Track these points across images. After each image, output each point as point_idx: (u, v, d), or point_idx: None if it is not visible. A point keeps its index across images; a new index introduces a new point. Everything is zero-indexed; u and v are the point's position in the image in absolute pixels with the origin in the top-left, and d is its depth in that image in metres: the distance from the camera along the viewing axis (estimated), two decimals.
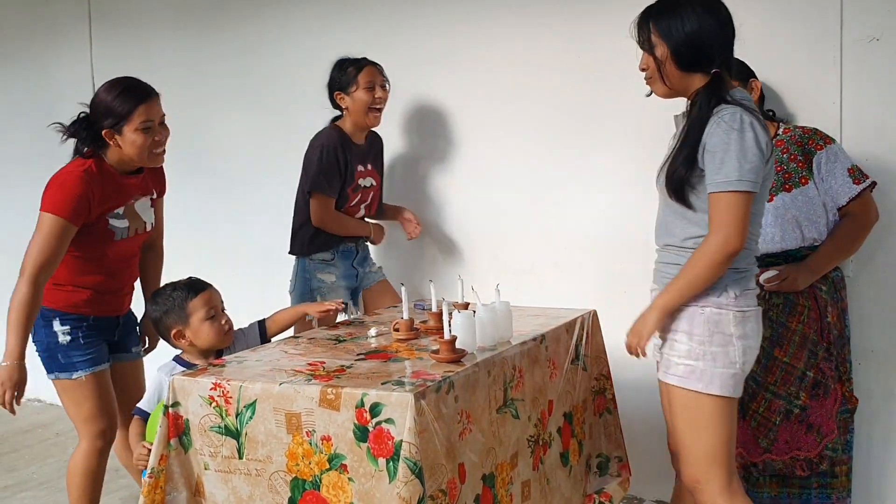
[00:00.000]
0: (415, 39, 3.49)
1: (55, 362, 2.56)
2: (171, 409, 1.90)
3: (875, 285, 2.74)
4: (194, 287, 2.36)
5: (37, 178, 4.58)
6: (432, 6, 3.46)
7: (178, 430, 1.90)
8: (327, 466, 1.75)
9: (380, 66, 3.16)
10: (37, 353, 2.59)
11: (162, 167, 2.72)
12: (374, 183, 3.26)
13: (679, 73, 1.98)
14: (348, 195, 3.16)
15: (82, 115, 2.56)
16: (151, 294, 2.41)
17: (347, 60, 3.14)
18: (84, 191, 2.42)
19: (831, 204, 2.50)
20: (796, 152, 2.51)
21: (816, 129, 2.56)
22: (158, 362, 2.43)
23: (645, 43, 2.01)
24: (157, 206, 2.74)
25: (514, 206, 3.38)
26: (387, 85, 3.16)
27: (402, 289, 2.40)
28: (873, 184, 2.52)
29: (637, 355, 2.06)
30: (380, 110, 3.13)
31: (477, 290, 2.21)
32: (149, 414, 2.27)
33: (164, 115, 2.53)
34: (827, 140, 2.52)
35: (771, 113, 2.67)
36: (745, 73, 2.55)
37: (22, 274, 2.39)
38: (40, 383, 4.86)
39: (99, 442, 2.61)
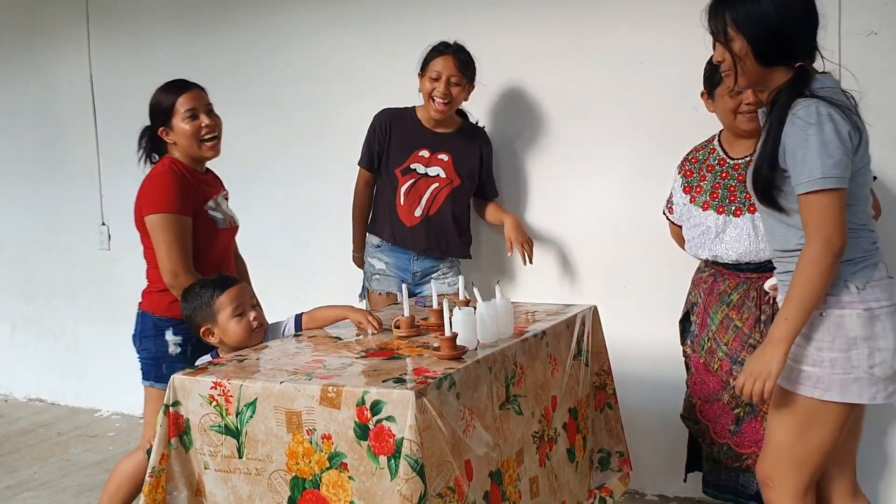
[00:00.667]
0: (410, 36, 3.48)
1: (157, 371, 2.53)
2: (171, 409, 1.90)
3: None
4: (221, 284, 2.34)
5: (35, 178, 4.64)
6: (431, 5, 3.45)
7: (179, 430, 1.90)
8: (327, 465, 1.75)
9: (464, 60, 2.98)
10: (138, 358, 2.59)
11: (218, 177, 2.78)
12: (442, 174, 3.06)
13: (760, 68, 1.86)
14: (396, 177, 3.06)
15: (145, 129, 2.65)
16: (182, 291, 2.38)
17: (440, 44, 3.02)
18: (178, 182, 2.49)
19: None
20: None
21: None
22: None
23: (720, 35, 1.87)
24: None
25: (515, 202, 3.37)
26: (460, 82, 2.99)
27: (403, 286, 2.40)
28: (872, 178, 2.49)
29: (761, 401, 1.87)
30: (443, 104, 2.98)
31: (477, 286, 2.20)
32: None
33: (210, 104, 2.62)
34: None
35: None
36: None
37: (168, 283, 2.45)
38: (42, 383, 4.87)
39: None
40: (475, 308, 2.07)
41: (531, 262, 3.09)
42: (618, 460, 2.56)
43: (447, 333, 1.95)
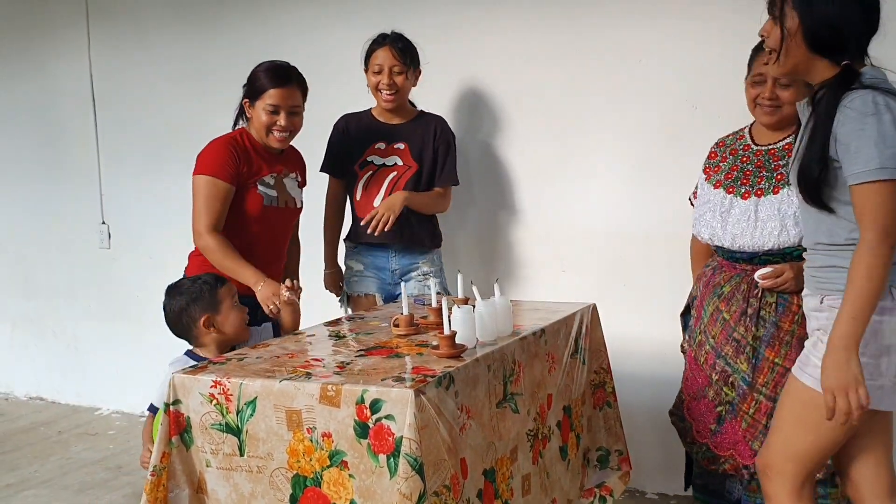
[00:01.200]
0: (409, 33, 3.48)
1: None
2: (171, 407, 1.90)
3: None
4: (218, 278, 2.40)
5: (35, 177, 4.64)
6: (431, 4, 3.45)
7: (180, 428, 1.90)
8: (328, 463, 1.76)
9: (403, 48, 2.99)
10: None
11: (303, 160, 2.89)
12: (399, 162, 3.03)
13: (806, 52, 1.78)
14: (355, 173, 3.07)
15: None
16: (169, 287, 2.40)
17: (378, 36, 3.04)
18: (230, 151, 2.61)
19: None
20: None
21: None
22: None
23: (776, 9, 1.80)
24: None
25: (514, 200, 3.38)
26: (403, 71, 2.99)
27: (402, 285, 2.40)
28: None
29: (861, 411, 1.72)
30: (390, 95, 2.99)
31: (476, 285, 2.21)
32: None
33: (297, 105, 2.68)
34: None
35: None
36: None
37: (194, 240, 2.60)
38: (42, 382, 4.88)
39: None
40: (474, 306, 2.08)
41: (374, 233, 2.89)
42: (617, 459, 2.56)
43: (446, 332, 1.95)
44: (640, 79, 3.08)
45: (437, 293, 2.77)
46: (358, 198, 3.08)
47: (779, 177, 2.40)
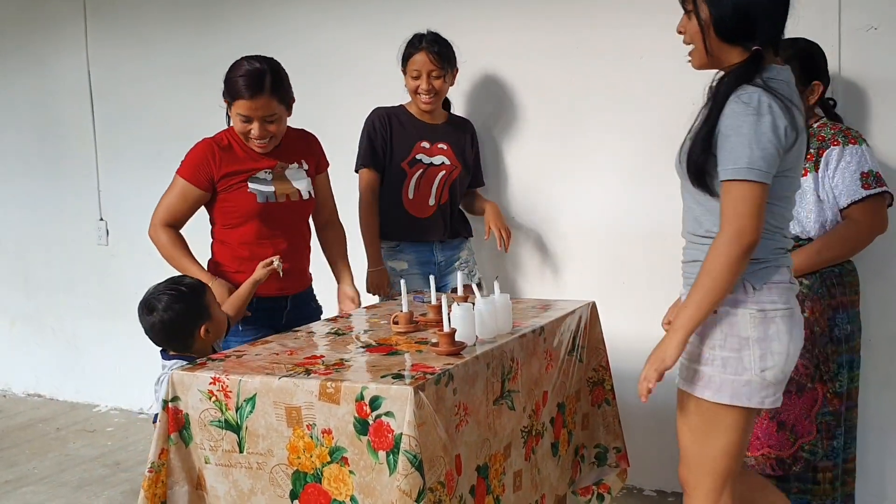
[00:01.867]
0: (408, 30, 3.46)
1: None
2: (170, 404, 1.90)
3: None
4: (198, 282, 2.35)
5: (33, 173, 4.63)
6: (431, 2, 3.45)
7: (178, 425, 1.90)
8: (328, 459, 1.76)
9: (441, 52, 2.97)
10: None
11: (319, 143, 2.81)
12: (446, 161, 3.07)
13: (718, 42, 1.80)
14: (403, 171, 3.04)
15: None
16: (151, 300, 2.26)
17: (415, 37, 3.03)
18: (205, 154, 2.58)
19: (832, 203, 2.42)
20: (812, 145, 2.43)
21: (848, 128, 2.49)
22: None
23: (688, 3, 1.83)
24: (318, 182, 2.77)
25: (514, 199, 3.38)
26: (441, 76, 2.98)
27: (402, 282, 2.40)
28: (888, 195, 2.43)
29: (646, 392, 1.83)
30: (429, 99, 3.00)
31: (476, 282, 2.21)
32: None
33: (272, 114, 2.51)
34: (851, 139, 2.43)
35: (832, 102, 2.60)
36: (811, 74, 2.46)
37: (149, 230, 2.66)
38: (41, 378, 4.88)
39: None
40: (474, 304, 2.08)
41: (506, 250, 3.11)
42: (615, 456, 2.57)
43: (446, 329, 1.95)
44: (641, 77, 3.08)
45: (476, 284, 2.97)
46: (411, 196, 3.06)
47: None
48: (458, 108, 3.42)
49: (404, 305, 2.28)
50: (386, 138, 3.06)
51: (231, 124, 2.61)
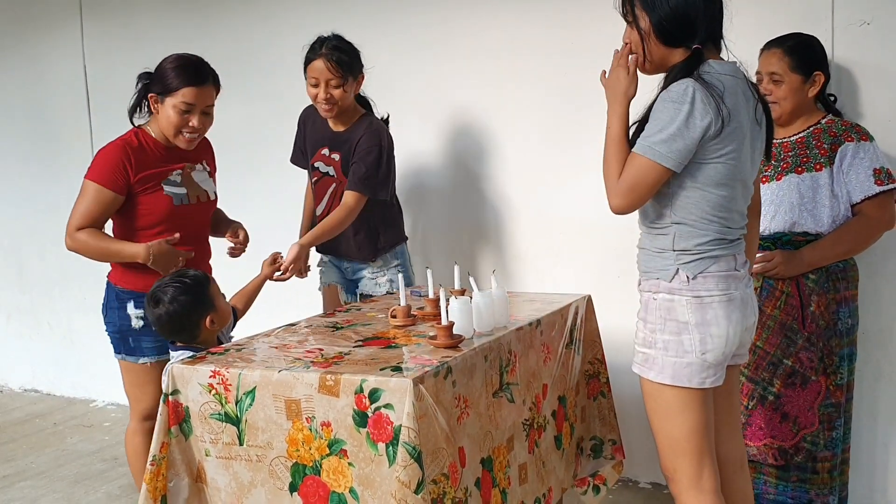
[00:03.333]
0: (408, 27, 3.49)
1: (124, 344, 2.64)
2: (170, 398, 1.92)
3: None
4: (203, 274, 2.39)
5: (29, 172, 4.62)
6: None
7: (179, 418, 1.92)
8: (327, 452, 1.77)
9: (336, 60, 2.82)
10: (105, 332, 2.71)
11: (210, 146, 2.82)
12: (334, 174, 3.00)
13: (662, 48, 1.88)
14: (310, 172, 3.12)
15: (149, 71, 2.64)
16: (160, 291, 2.31)
17: (313, 44, 2.90)
18: (119, 158, 2.53)
19: (845, 198, 2.45)
20: (824, 140, 2.48)
21: (857, 125, 2.53)
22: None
23: (628, 14, 1.92)
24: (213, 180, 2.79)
25: (509, 192, 3.39)
26: (339, 84, 2.85)
27: (399, 276, 2.41)
28: None
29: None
30: (327, 108, 2.89)
31: (473, 276, 2.22)
32: None
33: (211, 105, 2.59)
34: (863, 136, 2.47)
35: (832, 98, 2.63)
36: (811, 65, 2.49)
37: (66, 241, 2.62)
38: (38, 374, 4.87)
39: (147, 423, 2.58)
40: (471, 297, 2.09)
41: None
42: (611, 448, 2.59)
43: (444, 322, 1.97)
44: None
45: (387, 293, 2.94)
46: (313, 198, 3.14)
47: (784, 166, 2.50)
48: (445, 104, 3.43)
49: (402, 299, 2.30)
50: (302, 138, 3.12)
51: (140, 121, 2.63)
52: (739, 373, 2.15)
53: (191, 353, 2.25)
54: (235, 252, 2.83)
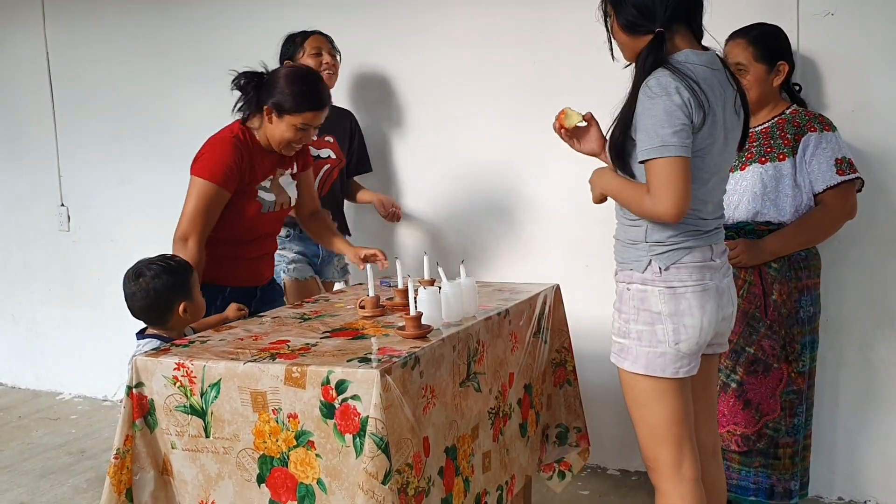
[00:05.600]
0: (378, 17, 3.47)
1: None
2: (134, 390, 1.90)
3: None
4: (187, 263, 2.36)
5: None
6: None
7: (143, 411, 1.90)
8: (294, 443, 1.77)
9: (328, 35, 3.18)
10: None
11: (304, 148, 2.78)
12: (332, 155, 3.20)
13: (628, 37, 1.89)
14: None
15: (259, 73, 2.57)
16: (140, 266, 2.28)
17: (295, 33, 3.17)
18: (235, 157, 2.48)
19: (808, 188, 2.48)
20: (788, 130, 2.50)
21: (821, 115, 2.56)
22: None
23: (602, 12, 1.95)
24: (304, 178, 2.79)
25: (478, 182, 3.39)
26: (337, 55, 3.18)
27: (368, 266, 2.41)
28: (859, 180, 2.51)
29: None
30: (328, 75, 3.09)
31: (442, 266, 2.22)
32: None
33: (320, 125, 2.59)
34: (826, 126, 2.50)
35: (797, 87, 2.66)
36: (774, 55, 2.51)
37: (175, 241, 2.45)
38: (1, 366, 4.80)
39: None
40: (440, 288, 2.09)
41: (398, 219, 3.33)
42: (576, 436, 2.61)
43: (412, 313, 1.96)
44: (603, 62, 3.09)
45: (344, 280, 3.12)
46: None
47: (748, 156, 2.52)
48: (415, 93, 3.44)
49: (370, 290, 2.29)
50: None
51: (239, 118, 2.58)
52: (718, 362, 2.16)
53: (157, 344, 2.23)
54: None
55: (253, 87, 2.55)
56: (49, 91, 4.31)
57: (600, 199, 2.02)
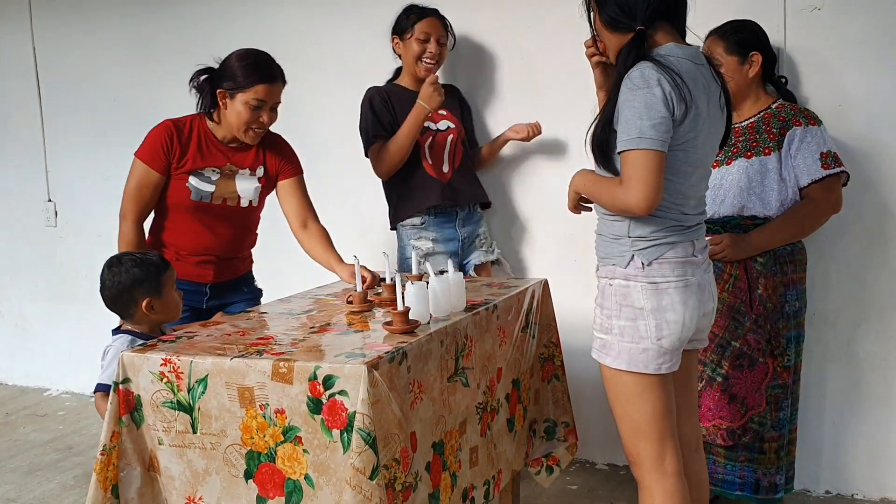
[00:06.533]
0: (365, 11, 3.46)
1: None
2: (121, 386, 1.89)
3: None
4: (164, 261, 2.36)
5: None
6: None
7: (130, 407, 1.89)
8: (282, 439, 1.77)
9: (444, 18, 3.04)
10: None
11: (291, 149, 2.75)
12: (452, 125, 3.07)
13: (610, 34, 1.90)
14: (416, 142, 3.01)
15: (209, 68, 2.62)
16: (112, 260, 2.32)
17: (413, 5, 3.05)
18: (164, 138, 2.55)
19: (793, 182, 2.49)
20: (774, 125, 2.51)
21: (806, 109, 2.57)
22: None
23: (587, 11, 1.97)
24: (290, 186, 2.70)
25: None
26: (448, 43, 3.06)
27: (355, 260, 2.40)
28: (844, 174, 2.52)
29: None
30: (432, 64, 3.00)
31: (494, 259, 2.20)
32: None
33: (279, 101, 2.58)
34: (811, 121, 2.51)
35: (783, 80, 2.66)
36: (746, 46, 2.53)
37: (120, 220, 2.58)
38: None
39: None
40: (428, 283, 2.09)
41: (539, 130, 3.12)
42: (563, 430, 2.61)
43: (400, 308, 1.96)
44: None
45: (494, 260, 3.09)
46: (430, 161, 3.03)
47: (734, 150, 2.54)
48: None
49: (358, 285, 2.29)
50: (390, 111, 3.01)
51: (215, 112, 2.59)
52: (697, 357, 2.17)
53: (129, 339, 2.23)
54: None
55: (206, 81, 2.58)
56: (36, 86, 4.28)
57: (574, 203, 2.04)
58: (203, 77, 2.60)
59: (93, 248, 4.19)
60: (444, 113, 3.09)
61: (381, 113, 3.00)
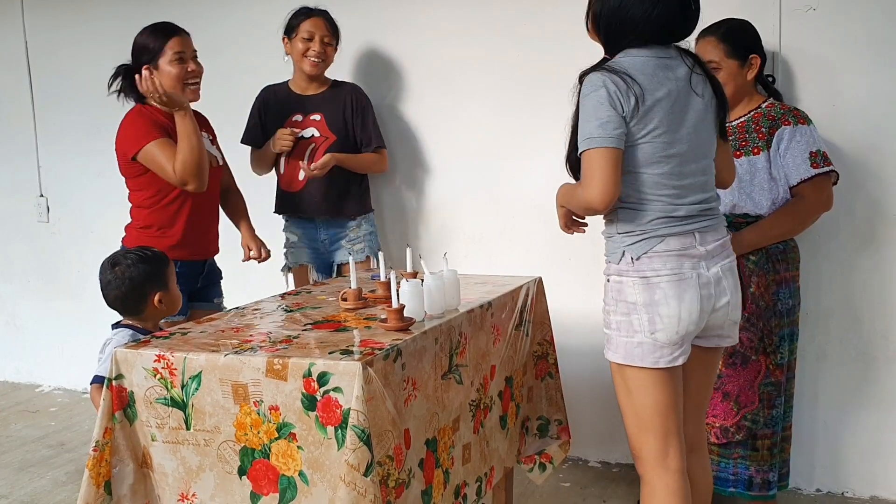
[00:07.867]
0: (362, 8, 3.45)
1: None
2: (114, 382, 1.88)
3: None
4: (164, 255, 2.38)
5: None
6: None
7: (123, 403, 1.88)
8: (276, 435, 1.76)
9: (329, 18, 3.14)
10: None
11: (205, 119, 2.91)
12: (316, 134, 3.14)
13: (600, 38, 1.96)
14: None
15: (121, 66, 2.74)
16: (116, 257, 2.33)
17: (299, 9, 3.15)
18: (148, 118, 2.66)
19: (783, 181, 2.50)
20: (763, 124, 2.52)
21: (796, 108, 2.58)
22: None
23: (588, 30, 2.02)
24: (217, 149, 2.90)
25: (462, 174, 3.39)
26: (333, 42, 3.15)
27: (350, 258, 2.40)
28: (833, 173, 2.52)
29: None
30: (314, 63, 3.09)
31: (425, 258, 2.22)
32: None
33: (195, 50, 2.74)
34: (801, 120, 2.51)
35: (771, 79, 2.67)
36: (745, 49, 2.53)
37: (184, 184, 2.62)
38: None
39: None
40: (422, 280, 2.09)
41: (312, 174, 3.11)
42: (556, 428, 2.62)
43: (394, 305, 1.96)
44: (587, 53, 3.09)
45: (367, 257, 3.12)
46: (282, 171, 3.19)
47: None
48: (400, 84, 3.43)
49: (353, 282, 2.29)
50: (263, 118, 3.19)
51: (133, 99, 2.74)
52: (720, 357, 2.14)
53: (130, 335, 2.23)
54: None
55: (125, 72, 2.71)
56: (28, 80, 4.25)
57: (565, 219, 2.11)
58: (120, 76, 2.73)
59: (85, 244, 4.18)
60: (317, 118, 3.14)
61: (253, 116, 3.24)
